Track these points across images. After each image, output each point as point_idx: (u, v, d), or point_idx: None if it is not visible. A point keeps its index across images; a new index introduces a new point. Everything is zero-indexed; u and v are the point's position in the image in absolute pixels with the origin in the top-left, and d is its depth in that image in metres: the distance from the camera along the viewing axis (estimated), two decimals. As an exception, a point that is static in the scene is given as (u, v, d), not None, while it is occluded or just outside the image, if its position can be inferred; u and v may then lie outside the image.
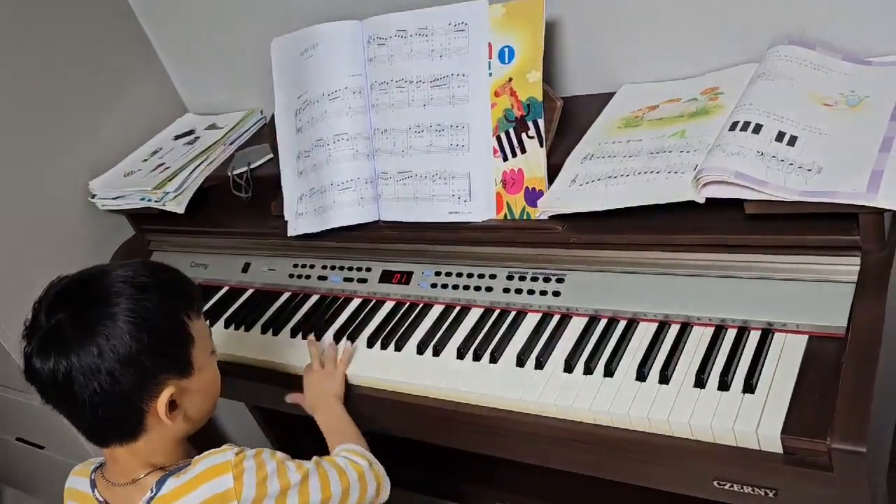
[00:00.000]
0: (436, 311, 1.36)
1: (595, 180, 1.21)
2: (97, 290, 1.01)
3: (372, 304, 1.44)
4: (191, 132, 1.92)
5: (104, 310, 0.99)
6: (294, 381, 1.38)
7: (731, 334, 1.10)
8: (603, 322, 1.20)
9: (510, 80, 1.31)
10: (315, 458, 1.15)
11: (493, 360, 1.22)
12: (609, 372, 1.12)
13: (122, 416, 1.01)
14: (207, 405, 1.11)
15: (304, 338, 1.43)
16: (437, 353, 1.28)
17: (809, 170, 1.02)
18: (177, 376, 1.04)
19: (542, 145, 1.29)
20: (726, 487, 1.00)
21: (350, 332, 1.39)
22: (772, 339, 1.06)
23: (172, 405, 1.03)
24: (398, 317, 1.39)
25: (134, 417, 1.02)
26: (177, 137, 1.91)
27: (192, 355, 1.06)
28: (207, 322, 1.14)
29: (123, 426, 1.02)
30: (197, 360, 1.06)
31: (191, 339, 1.05)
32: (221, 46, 1.86)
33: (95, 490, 1.09)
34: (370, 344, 1.36)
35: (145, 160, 1.84)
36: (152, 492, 1.04)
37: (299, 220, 1.51)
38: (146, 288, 1.02)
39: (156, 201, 1.68)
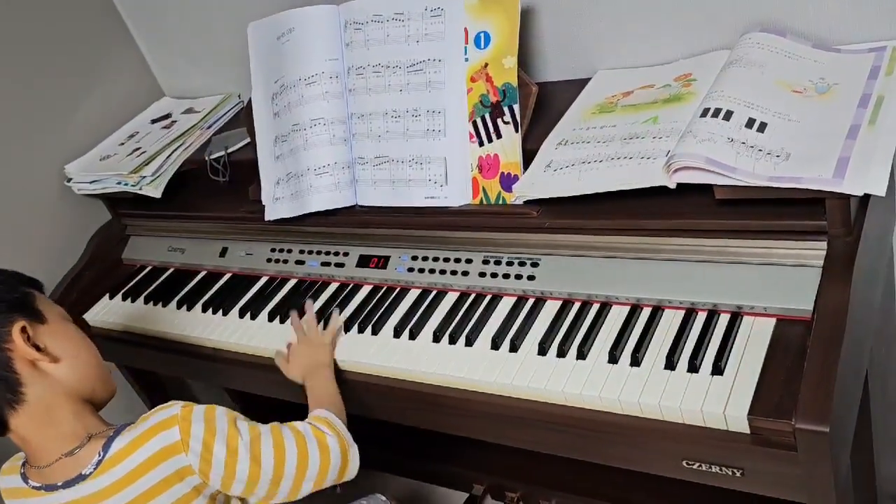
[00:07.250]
0: (412, 295, 1.37)
1: (569, 166, 1.22)
2: None
3: (349, 288, 1.45)
4: (167, 116, 1.91)
5: None
6: (273, 365, 1.39)
7: (700, 317, 1.11)
8: (576, 306, 1.22)
9: (486, 65, 1.32)
10: (274, 422, 1.14)
11: (469, 343, 1.23)
12: (582, 355, 1.13)
13: None
14: (84, 365, 1.10)
15: (283, 322, 1.44)
16: (413, 336, 1.29)
17: (778, 156, 1.04)
18: (25, 316, 1.04)
19: (517, 131, 1.30)
20: (695, 467, 1.02)
21: (327, 315, 1.39)
22: (740, 322, 1.08)
23: (37, 349, 1.04)
24: (375, 301, 1.40)
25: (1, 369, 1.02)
26: (153, 121, 1.90)
27: (37, 305, 1.08)
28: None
29: None
30: (46, 313, 1.08)
31: (31, 293, 1.08)
32: (198, 30, 1.85)
33: (28, 482, 1.08)
34: (347, 328, 1.36)
35: (122, 144, 1.83)
36: (100, 455, 1.03)
37: (277, 204, 1.51)
38: None
39: (132, 185, 1.67)
